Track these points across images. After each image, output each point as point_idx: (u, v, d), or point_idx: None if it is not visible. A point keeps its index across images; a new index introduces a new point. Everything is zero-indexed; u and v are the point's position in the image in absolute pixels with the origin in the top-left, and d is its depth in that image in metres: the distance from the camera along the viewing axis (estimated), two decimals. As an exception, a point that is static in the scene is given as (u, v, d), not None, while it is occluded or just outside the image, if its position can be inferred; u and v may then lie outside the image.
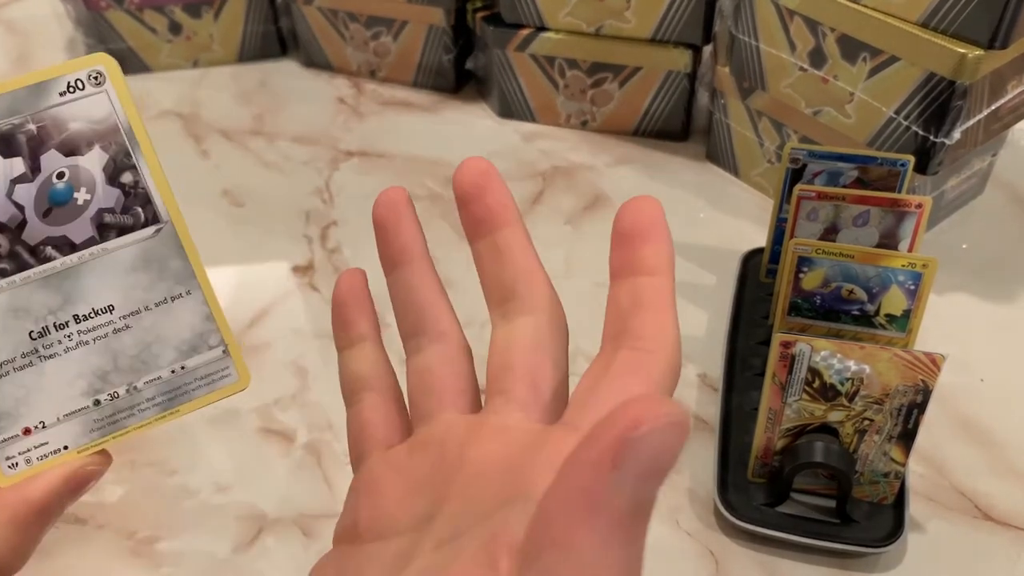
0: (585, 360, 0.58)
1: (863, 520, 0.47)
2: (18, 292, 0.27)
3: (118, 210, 0.28)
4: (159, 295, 0.29)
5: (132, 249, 0.28)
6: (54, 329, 0.28)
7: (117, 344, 0.28)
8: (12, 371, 0.27)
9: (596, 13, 0.70)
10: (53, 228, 0.27)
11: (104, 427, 0.29)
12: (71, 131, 0.27)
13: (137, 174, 0.28)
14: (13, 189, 0.27)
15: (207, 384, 0.30)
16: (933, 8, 0.53)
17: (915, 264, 0.47)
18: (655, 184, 0.72)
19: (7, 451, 0.28)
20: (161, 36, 0.83)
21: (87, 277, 0.28)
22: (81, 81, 0.27)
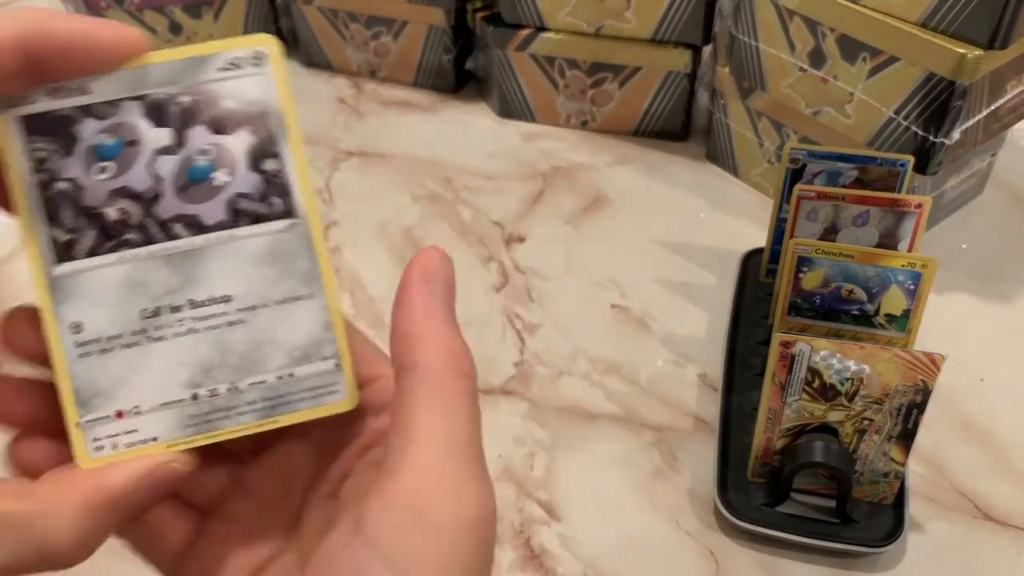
0: (585, 360, 0.58)
1: (863, 520, 0.47)
2: (140, 266, 0.26)
3: (255, 197, 0.27)
4: (281, 293, 0.27)
5: (262, 240, 0.27)
6: (168, 311, 0.26)
7: (228, 338, 0.27)
8: (118, 347, 0.26)
9: (596, 13, 0.70)
10: (187, 205, 0.26)
11: (198, 424, 0.27)
12: (222, 109, 0.26)
13: (280, 163, 0.27)
14: (155, 159, 0.26)
15: (312, 397, 0.28)
16: (933, 8, 0.53)
17: (915, 264, 0.47)
18: (655, 184, 0.72)
19: (95, 431, 0.26)
20: (161, 37, 0.83)
21: (211, 261, 0.27)
22: (242, 60, 0.26)
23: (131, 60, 0.25)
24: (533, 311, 0.61)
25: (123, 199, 0.26)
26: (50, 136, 0.26)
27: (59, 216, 0.26)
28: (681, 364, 0.58)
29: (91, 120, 0.26)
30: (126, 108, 0.26)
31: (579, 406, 0.55)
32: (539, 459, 0.52)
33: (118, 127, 0.26)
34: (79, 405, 0.26)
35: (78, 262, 0.26)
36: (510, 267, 0.65)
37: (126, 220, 0.26)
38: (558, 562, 0.48)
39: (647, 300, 0.62)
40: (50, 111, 0.26)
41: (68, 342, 0.26)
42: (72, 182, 0.26)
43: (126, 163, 0.26)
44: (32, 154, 0.26)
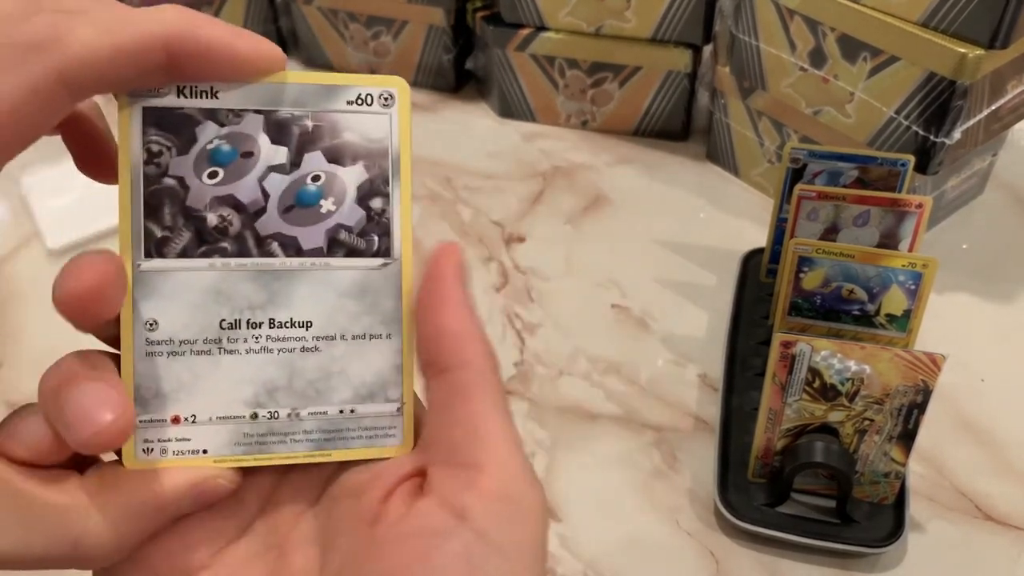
0: (585, 360, 0.58)
1: (863, 520, 0.47)
2: (228, 276, 0.26)
3: (356, 231, 0.27)
4: (360, 328, 0.27)
5: (353, 274, 0.27)
6: (246, 325, 0.26)
7: (300, 363, 0.27)
8: (189, 353, 0.26)
9: (596, 13, 0.70)
10: (288, 226, 0.26)
11: (251, 445, 0.27)
12: (342, 140, 0.27)
13: (387, 203, 0.27)
14: (267, 175, 0.26)
15: (369, 437, 0.27)
16: (933, 8, 0.53)
17: (915, 264, 0.47)
18: (655, 184, 0.72)
19: (147, 433, 0.26)
20: (161, 36, 0.83)
21: (299, 285, 0.27)
22: (371, 97, 0.27)
23: (264, 74, 0.26)
24: (533, 311, 0.61)
25: (226, 207, 0.26)
26: (169, 131, 0.26)
27: (159, 211, 0.26)
28: (681, 364, 0.58)
29: (212, 124, 0.26)
30: (249, 120, 0.26)
31: (579, 406, 0.55)
32: (539, 459, 0.52)
33: (237, 136, 0.26)
34: (137, 403, 0.26)
35: (167, 260, 0.26)
36: (510, 267, 0.65)
37: (225, 228, 0.26)
38: (558, 562, 0.48)
39: (647, 300, 0.62)
40: (175, 107, 0.26)
41: (140, 337, 0.26)
42: (180, 180, 0.26)
43: (237, 173, 0.26)
44: (148, 145, 0.26)
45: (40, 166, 0.72)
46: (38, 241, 0.66)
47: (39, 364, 0.25)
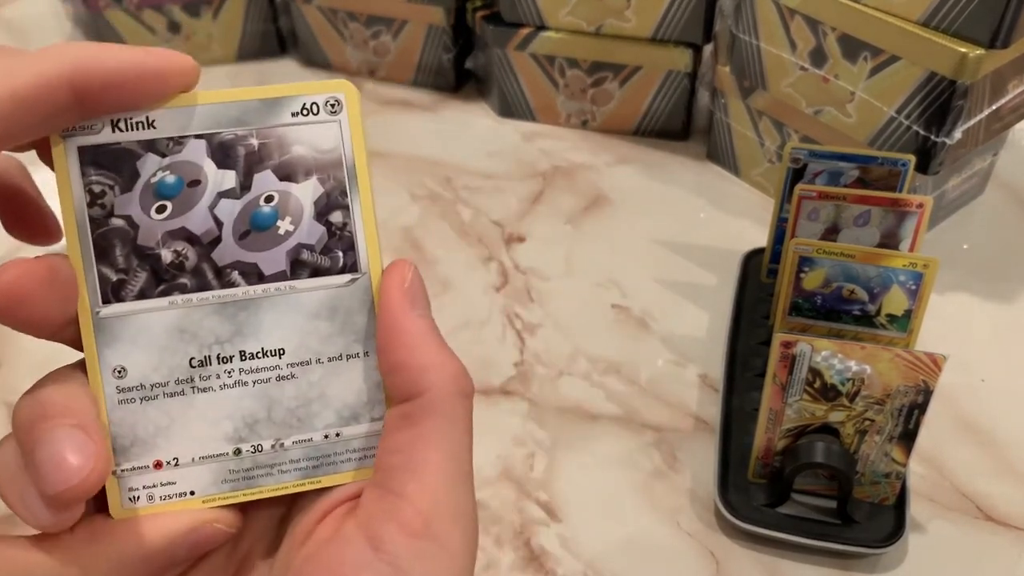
0: (585, 360, 0.58)
1: (864, 521, 0.47)
2: (191, 312, 0.25)
3: (318, 249, 0.26)
4: (335, 350, 0.26)
5: (320, 294, 0.26)
6: (216, 361, 0.25)
7: (277, 392, 0.26)
8: (162, 396, 0.25)
9: (596, 12, 0.70)
10: (246, 253, 0.25)
11: (238, 481, 0.26)
12: (292, 155, 0.25)
13: (348, 216, 0.26)
14: (218, 202, 0.25)
15: (358, 459, 0.27)
16: (934, 7, 0.53)
17: (916, 264, 0.47)
18: (655, 184, 0.72)
19: (131, 482, 0.25)
20: (160, 36, 0.83)
21: (266, 313, 0.26)
22: (317, 105, 0.26)
23: (183, 87, 0.24)
24: (533, 311, 0.61)
25: (180, 241, 0.25)
26: (109, 169, 0.25)
27: (111, 254, 0.25)
28: (681, 364, 0.58)
29: (153, 156, 0.25)
30: (191, 146, 0.25)
31: (579, 406, 0.55)
32: (539, 459, 0.52)
33: (181, 165, 0.25)
34: (117, 453, 0.25)
35: (127, 304, 0.25)
36: (510, 267, 0.65)
37: (181, 263, 0.25)
38: (558, 563, 0.47)
39: (647, 300, 0.62)
40: (111, 143, 0.25)
41: (110, 386, 0.25)
42: (127, 219, 0.25)
43: (186, 203, 0.25)
44: (89, 186, 0.25)
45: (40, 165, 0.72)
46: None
47: (38, 364, 0.25)
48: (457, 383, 0.25)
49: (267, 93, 0.25)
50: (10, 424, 0.24)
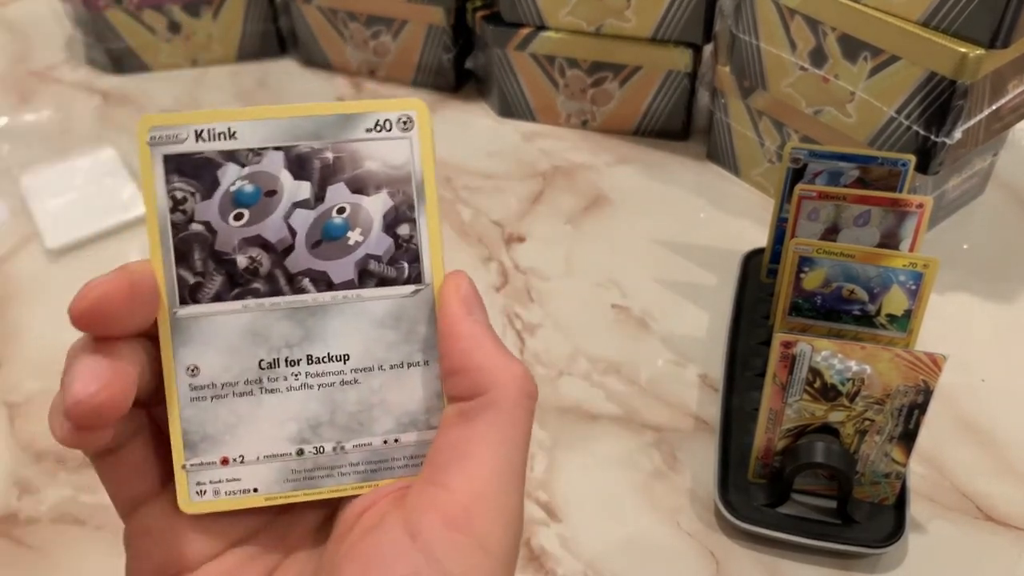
0: (585, 360, 0.58)
1: (864, 521, 0.47)
2: (263, 316, 0.26)
3: (385, 260, 0.27)
4: (398, 358, 0.27)
5: (386, 303, 0.27)
6: (284, 364, 0.27)
7: (340, 397, 0.27)
8: (231, 395, 0.26)
9: (596, 12, 0.70)
10: (317, 261, 0.27)
11: (299, 480, 0.27)
12: (364, 169, 0.27)
13: (414, 229, 0.27)
14: (292, 212, 0.26)
15: (414, 465, 0.27)
16: (934, 7, 0.53)
17: (916, 264, 0.47)
18: (655, 184, 0.72)
19: (200, 476, 0.26)
20: (160, 35, 0.83)
21: (333, 319, 0.27)
22: (390, 122, 0.27)
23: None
24: (533, 311, 0.61)
25: (255, 248, 0.26)
26: (192, 177, 0.26)
27: (190, 257, 0.26)
28: (681, 364, 0.58)
29: (233, 165, 0.26)
30: (270, 157, 0.26)
31: (579, 406, 0.55)
32: (539, 459, 0.52)
33: (259, 175, 0.26)
34: (186, 448, 0.26)
35: (203, 305, 0.26)
36: (510, 267, 0.65)
37: (255, 269, 0.26)
38: (558, 563, 0.47)
39: (647, 300, 0.62)
40: (194, 152, 0.26)
41: (183, 384, 0.26)
42: (207, 225, 0.26)
43: (263, 212, 0.26)
44: (172, 192, 0.26)
45: (40, 166, 0.72)
46: (37, 241, 0.66)
47: (38, 364, 0.25)
48: (519, 383, 0.26)
49: (344, 109, 0.27)
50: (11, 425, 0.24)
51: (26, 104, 0.81)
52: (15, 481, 0.51)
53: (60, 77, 0.84)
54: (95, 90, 0.82)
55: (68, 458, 0.52)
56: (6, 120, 0.79)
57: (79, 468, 0.52)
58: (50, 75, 0.85)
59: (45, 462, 0.52)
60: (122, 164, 0.72)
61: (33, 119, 0.79)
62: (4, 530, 0.50)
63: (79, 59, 0.86)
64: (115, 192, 0.70)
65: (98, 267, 0.25)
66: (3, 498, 0.51)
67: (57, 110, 0.80)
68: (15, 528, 0.50)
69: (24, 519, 0.50)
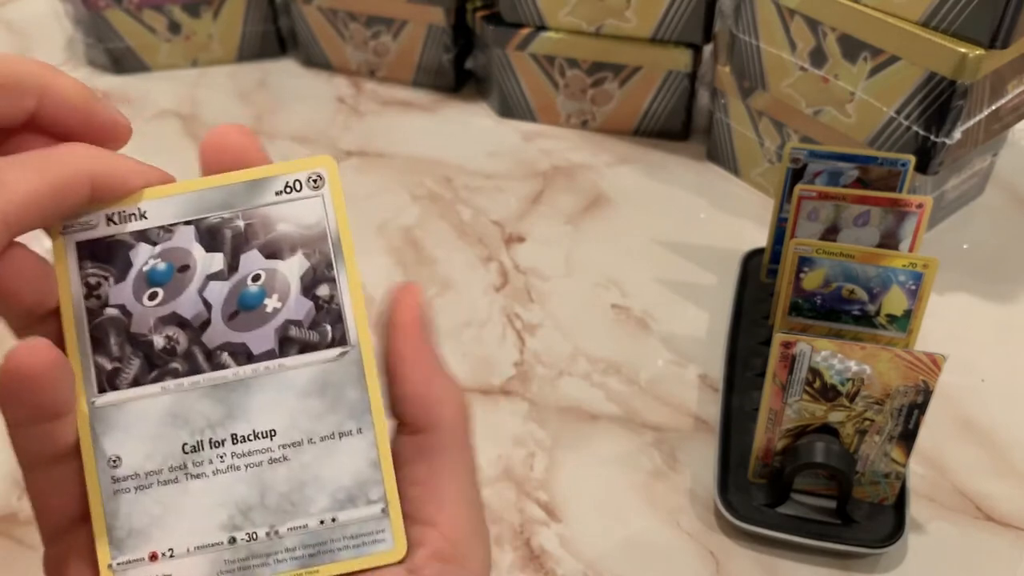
0: (586, 360, 0.58)
1: (864, 521, 0.47)
2: (183, 397, 0.25)
3: (306, 324, 0.26)
4: (327, 428, 0.26)
5: (310, 370, 0.26)
6: (209, 446, 0.25)
7: (270, 476, 0.25)
8: (156, 484, 0.25)
9: (596, 12, 0.70)
10: (235, 333, 0.25)
11: (233, 572, 0.25)
12: (277, 233, 0.26)
13: (335, 288, 0.26)
14: (207, 285, 0.25)
15: (356, 547, 0.26)
16: (934, 8, 0.53)
17: (916, 264, 0.47)
18: (655, 184, 0.72)
19: (127, 574, 0.25)
20: (160, 35, 0.83)
21: (256, 393, 0.25)
22: (299, 182, 0.26)
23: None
24: (533, 311, 0.61)
25: (171, 326, 0.25)
26: (104, 261, 0.25)
27: (106, 343, 0.25)
28: (681, 364, 0.58)
29: (145, 245, 0.25)
30: (180, 232, 0.25)
31: (579, 406, 0.55)
32: (539, 459, 0.52)
33: (171, 252, 0.25)
34: (112, 545, 0.25)
35: (121, 392, 0.25)
36: (510, 267, 0.65)
37: (173, 348, 0.25)
38: (558, 563, 0.48)
39: (647, 300, 0.62)
40: (106, 236, 0.25)
41: (105, 477, 0.25)
42: (122, 308, 0.25)
43: (177, 289, 0.25)
44: (86, 279, 0.25)
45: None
46: (37, 241, 0.66)
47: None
48: (464, 412, 0.26)
49: (251, 176, 0.26)
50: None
51: (26, 104, 0.81)
52: (15, 481, 0.51)
53: (60, 77, 0.84)
54: (95, 90, 0.82)
55: (68, 458, 0.52)
56: (6, 120, 0.79)
57: (79, 468, 0.52)
58: (50, 75, 0.85)
59: (45, 462, 0.52)
60: (122, 164, 0.72)
61: (33, 119, 0.79)
62: (4, 530, 0.50)
63: (79, 59, 0.86)
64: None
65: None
66: (3, 498, 0.51)
67: (57, 110, 0.80)
68: (15, 528, 0.50)
69: (24, 519, 0.50)
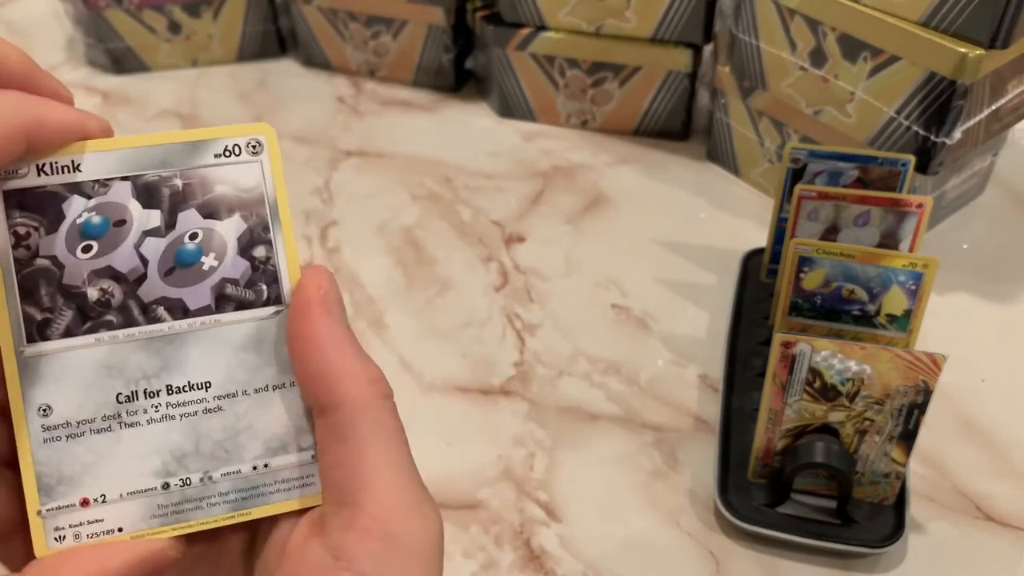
0: (586, 360, 0.58)
1: (864, 521, 0.47)
2: (117, 349, 0.26)
3: (242, 283, 0.27)
4: (261, 381, 0.27)
5: (245, 327, 0.27)
6: (143, 396, 0.26)
7: (204, 426, 0.26)
8: (88, 432, 0.25)
9: (596, 12, 0.70)
10: (171, 289, 0.26)
11: (167, 515, 0.26)
12: (215, 194, 0.26)
13: (271, 250, 0.27)
14: (143, 241, 0.26)
15: (286, 490, 0.27)
16: (934, 8, 0.53)
17: (916, 264, 0.47)
18: (655, 184, 0.72)
19: (57, 520, 0.25)
20: (160, 36, 0.83)
21: (192, 347, 0.26)
22: (239, 147, 0.27)
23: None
24: (533, 311, 0.61)
25: (106, 279, 0.26)
26: (34, 211, 0.25)
27: (36, 293, 0.25)
28: (682, 364, 0.58)
29: (79, 198, 0.25)
30: (117, 188, 0.26)
31: (579, 406, 0.55)
32: (539, 459, 0.52)
33: (107, 206, 0.26)
34: (41, 492, 0.25)
35: (52, 342, 0.25)
36: (510, 267, 0.65)
37: (107, 301, 0.26)
38: (558, 563, 0.48)
39: (647, 300, 0.62)
40: (37, 187, 0.25)
41: (35, 425, 0.25)
42: (53, 259, 0.25)
43: (112, 243, 0.26)
44: (13, 228, 0.25)
45: None
46: None
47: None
48: (374, 388, 0.25)
49: (190, 136, 0.26)
50: None
51: (26, 104, 0.81)
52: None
53: (60, 77, 0.84)
54: (95, 90, 0.82)
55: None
56: (6, 120, 0.79)
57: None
58: (50, 75, 0.85)
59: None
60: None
61: (33, 119, 0.79)
62: (4, 530, 0.49)
63: (79, 59, 0.86)
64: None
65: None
66: (3, 498, 0.51)
67: (57, 110, 0.80)
68: (15, 528, 0.50)
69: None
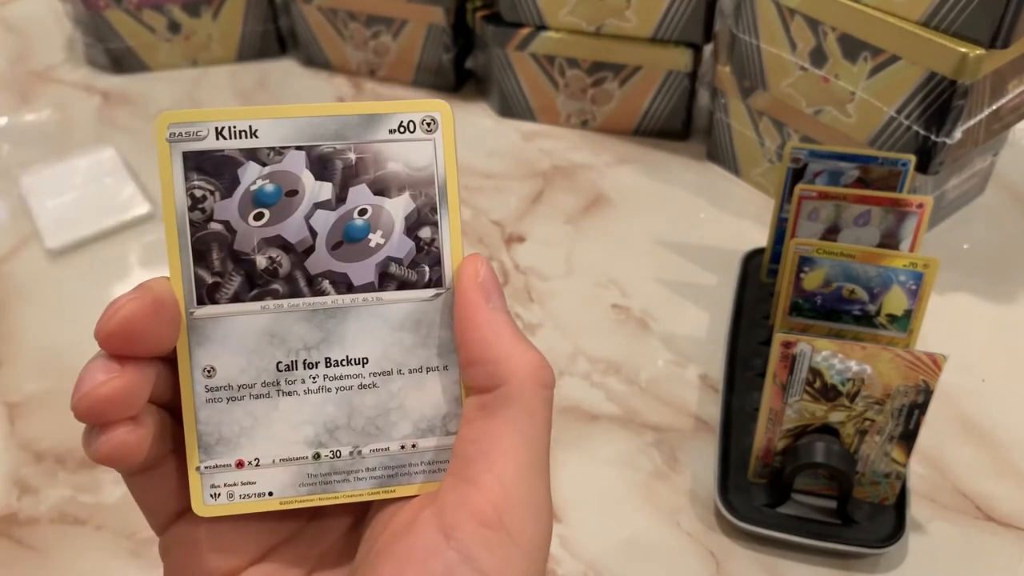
0: (586, 360, 0.58)
1: (864, 521, 0.47)
2: (281, 318, 0.26)
3: (406, 263, 0.27)
4: (416, 362, 0.27)
5: (406, 307, 0.27)
6: (302, 366, 0.26)
7: (358, 400, 0.27)
8: (248, 397, 0.26)
9: (596, 12, 0.70)
10: (337, 263, 0.26)
11: (315, 485, 0.27)
12: (387, 171, 0.26)
13: (436, 232, 0.27)
14: (313, 213, 0.26)
15: (431, 472, 0.27)
16: (934, 7, 0.53)
17: (916, 264, 0.47)
18: (655, 184, 0.72)
19: (214, 479, 0.26)
20: (160, 35, 0.83)
21: (352, 322, 0.26)
22: (414, 123, 0.27)
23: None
24: (533, 311, 0.61)
25: (275, 248, 0.26)
26: (211, 175, 0.26)
27: (207, 257, 0.26)
28: (682, 364, 0.58)
29: (254, 164, 0.26)
30: (291, 157, 0.26)
31: (579, 406, 0.55)
32: (539, 459, 0.52)
33: (280, 175, 0.26)
34: (201, 450, 0.26)
35: (220, 306, 0.26)
36: (510, 267, 0.64)
37: (275, 270, 0.26)
38: (558, 563, 0.47)
39: (647, 300, 0.62)
40: (214, 150, 0.26)
41: (199, 385, 0.26)
42: (226, 224, 0.26)
43: (283, 212, 0.26)
44: (191, 190, 0.25)
45: (39, 166, 0.72)
46: (37, 241, 0.66)
47: (38, 364, 0.25)
48: (536, 373, 0.25)
49: (367, 109, 0.26)
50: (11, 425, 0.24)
51: (26, 104, 0.81)
52: (15, 481, 0.51)
53: (60, 77, 0.84)
54: (95, 90, 0.82)
55: (68, 458, 0.52)
56: (6, 120, 0.79)
57: (79, 468, 0.52)
58: (50, 75, 0.85)
59: (45, 462, 0.52)
60: (122, 164, 0.72)
61: (33, 119, 0.79)
62: (4, 530, 0.50)
63: (79, 59, 0.86)
64: (115, 192, 0.70)
65: (98, 267, 0.25)
66: (3, 498, 0.51)
67: (57, 110, 0.80)
68: (15, 528, 0.50)
69: (24, 519, 0.50)
